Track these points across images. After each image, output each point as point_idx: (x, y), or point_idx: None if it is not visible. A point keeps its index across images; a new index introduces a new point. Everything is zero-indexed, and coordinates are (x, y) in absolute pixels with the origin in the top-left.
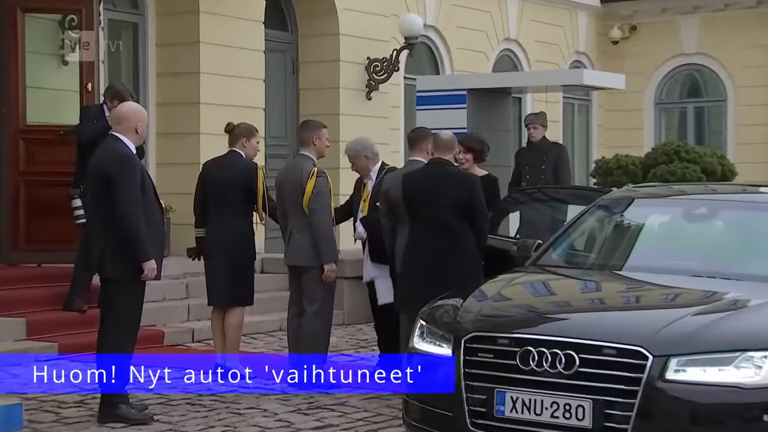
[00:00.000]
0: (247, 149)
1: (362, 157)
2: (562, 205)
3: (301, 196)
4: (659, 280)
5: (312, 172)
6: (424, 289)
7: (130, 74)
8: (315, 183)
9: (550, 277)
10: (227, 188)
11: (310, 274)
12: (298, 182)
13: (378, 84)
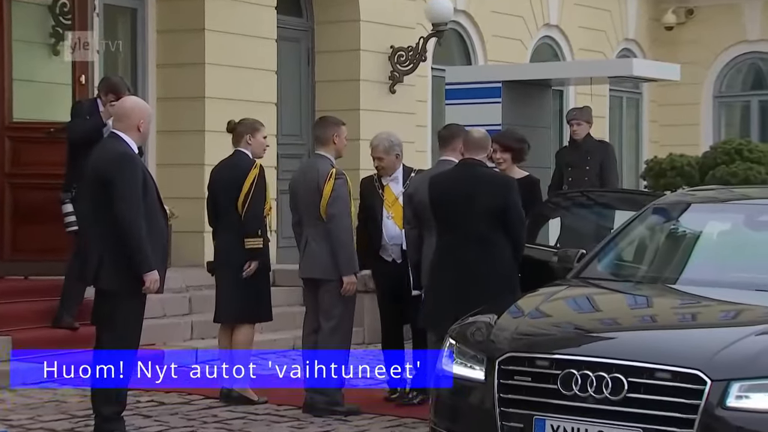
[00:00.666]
0: (252, 147)
1: (394, 155)
2: (608, 211)
3: (318, 201)
4: (719, 295)
5: (330, 174)
6: (454, 305)
7: (128, 65)
8: (333, 186)
9: (595, 291)
10: (233, 192)
11: (328, 287)
12: (314, 185)
13: (403, 76)
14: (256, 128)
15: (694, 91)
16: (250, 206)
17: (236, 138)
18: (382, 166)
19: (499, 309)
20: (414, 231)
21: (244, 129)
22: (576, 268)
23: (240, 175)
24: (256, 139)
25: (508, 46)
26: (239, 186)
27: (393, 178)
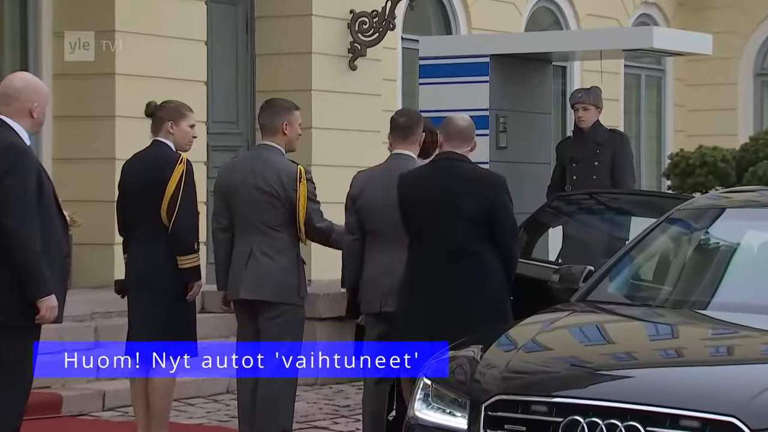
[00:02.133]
0: (175, 137)
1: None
2: (622, 218)
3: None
4: (760, 323)
5: (298, 173)
6: (429, 336)
7: (17, 33)
8: (307, 189)
9: (605, 318)
10: (149, 195)
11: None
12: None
13: (365, 48)
14: (181, 114)
15: (729, 67)
16: (180, 213)
17: (156, 125)
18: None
19: (486, 340)
20: (357, 243)
21: (165, 114)
22: (582, 290)
23: (160, 172)
24: (181, 128)
25: (497, 11)
26: (160, 186)
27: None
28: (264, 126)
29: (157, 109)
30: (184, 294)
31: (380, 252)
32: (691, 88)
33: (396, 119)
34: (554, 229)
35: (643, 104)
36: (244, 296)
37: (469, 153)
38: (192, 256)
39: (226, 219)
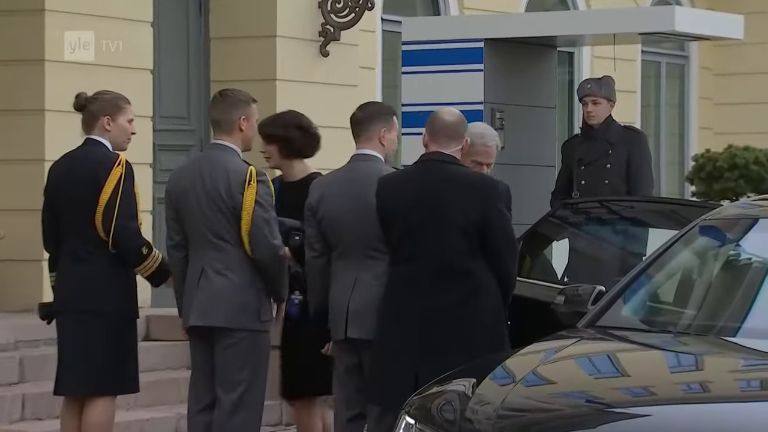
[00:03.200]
0: (112, 134)
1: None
2: (638, 229)
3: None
4: None
5: (248, 175)
6: (413, 367)
7: None
8: (258, 193)
9: (618, 347)
10: (82, 202)
11: (232, 341)
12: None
13: (340, 31)
14: (118, 107)
15: (764, 53)
16: (118, 222)
17: (88, 121)
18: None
19: (479, 372)
20: (320, 260)
21: (99, 108)
22: (591, 313)
23: (94, 175)
24: (118, 124)
25: None
26: (95, 192)
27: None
28: (217, 122)
29: (89, 102)
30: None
31: (343, 269)
32: (719, 78)
33: (353, 114)
34: (559, 242)
35: (663, 97)
36: (194, 322)
37: (460, 154)
38: (144, 263)
39: (179, 233)
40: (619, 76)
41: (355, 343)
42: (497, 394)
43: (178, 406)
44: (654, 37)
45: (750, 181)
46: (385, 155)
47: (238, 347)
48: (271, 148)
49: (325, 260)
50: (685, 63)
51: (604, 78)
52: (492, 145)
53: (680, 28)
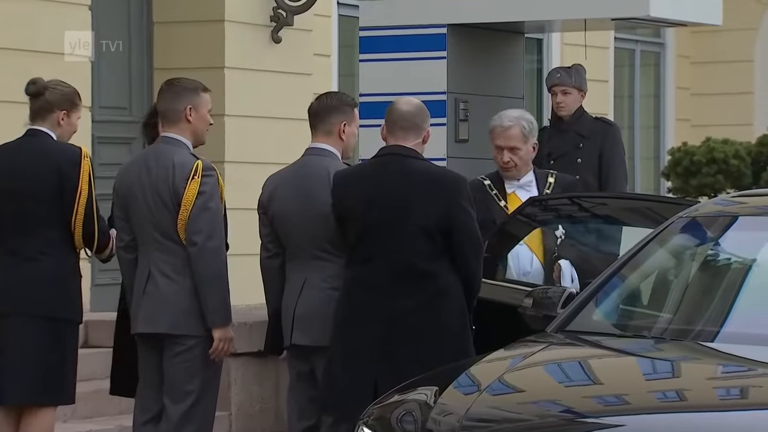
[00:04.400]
0: (62, 129)
1: (531, 145)
2: (611, 228)
3: (172, 211)
4: None
5: (194, 168)
6: (372, 374)
7: None
8: (200, 188)
9: (590, 353)
10: (26, 198)
11: (180, 349)
12: (164, 186)
13: (292, 15)
14: (74, 103)
15: (744, 41)
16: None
17: (40, 111)
18: (515, 162)
19: (443, 380)
20: (273, 261)
21: (58, 101)
22: (561, 317)
23: (56, 168)
24: (71, 120)
25: None
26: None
27: (525, 183)
28: (163, 113)
29: (47, 92)
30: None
31: (293, 271)
32: (696, 67)
33: (311, 106)
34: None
35: (637, 87)
36: (140, 329)
37: (421, 147)
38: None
39: (129, 233)
40: (591, 64)
41: (303, 349)
42: (461, 404)
43: (118, 418)
44: (628, 22)
45: (729, 177)
46: (344, 150)
47: (187, 355)
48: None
49: (279, 261)
50: (660, 50)
51: (575, 66)
52: (509, 125)
53: (655, 13)
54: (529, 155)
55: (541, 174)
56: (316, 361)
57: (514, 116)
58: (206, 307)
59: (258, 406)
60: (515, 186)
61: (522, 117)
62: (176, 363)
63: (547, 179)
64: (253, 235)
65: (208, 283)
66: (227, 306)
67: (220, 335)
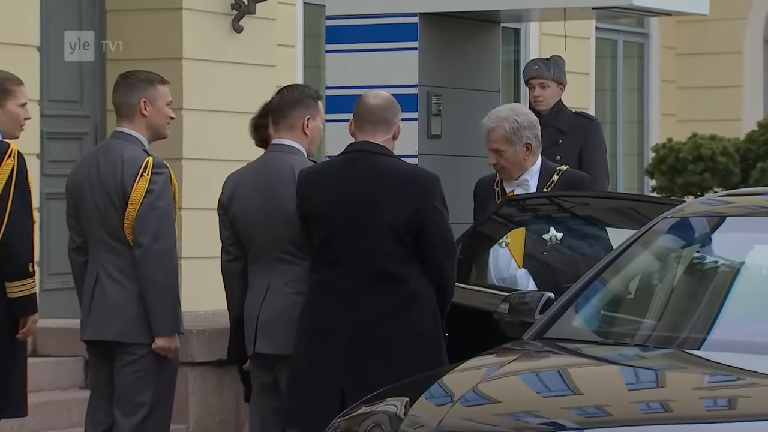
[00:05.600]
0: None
1: (522, 145)
2: (592, 228)
3: (119, 211)
4: None
5: (143, 165)
6: (339, 384)
7: None
8: (149, 186)
9: (569, 361)
10: None
11: (131, 358)
12: (113, 184)
13: (254, 4)
14: (7, 90)
15: (733, 31)
16: (11, 224)
17: None
18: (502, 165)
19: (413, 390)
20: (235, 264)
21: None
22: (539, 324)
23: None
24: (7, 109)
25: None
26: None
27: (523, 181)
28: (116, 107)
29: None
30: (10, 332)
31: (256, 275)
32: (682, 59)
33: (270, 100)
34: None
35: (620, 79)
36: (88, 336)
37: (391, 143)
38: (26, 281)
39: (80, 234)
40: (571, 55)
41: (266, 358)
42: (433, 415)
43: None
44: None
45: (716, 175)
46: (309, 145)
47: (138, 365)
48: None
49: (241, 264)
50: (644, 41)
51: (553, 58)
52: (492, 126)
53: (639, 2)
54: (519, 156)
55: (548, 170)
56: (280, 370)
57: (501, 116)
58: (151, 314)
59: (217, 419)
60: (514, 185)
61: (508, 117)
62: (127, 373)
63: (551, 176)
64: (213, 237)
65: (154, 288)
66: (175, 313)
67: (163, 344)
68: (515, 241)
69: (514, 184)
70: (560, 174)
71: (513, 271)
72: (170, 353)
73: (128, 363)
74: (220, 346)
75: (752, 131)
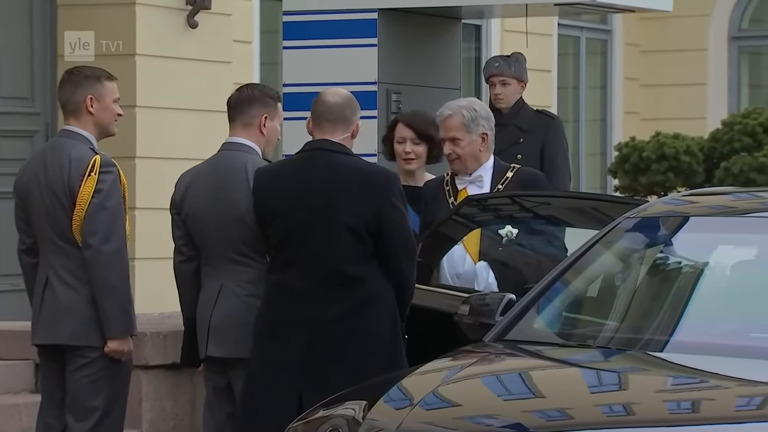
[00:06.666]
0: None
1: (478, 135)
2: (553, 228)
3: (67, 211)
4: (735, 369)
5: (91, 164)
6: (296, 387)
7: None
8: (97, 185)
9: (531, 364)
10: None
11: (82, 362)
12: (60, 184)
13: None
14: None
15: (697, 28)
16: None
17: None
18: (458, 154)
19: (372, 394)
20: (188, 265)
21: None
22: (500, 325)
23: None
24: None
25: None
26: None
27: (476, 178)
28: (63, 104)
29: None
30: None
31: (208, 276)
32: (646, 56)
33: (231, 95)
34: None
35: (582, 77)
36: (39, 340)
37: (350, 141)
38: None
39: (30, 236)
40: (532, 52)
41: (219, 361)
42: (392, 419)
43: None
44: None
45: (680, 174)
46: (264, 146)
47: (90, 369)
48: (422, 150)
49: (194, 265)
50: (607, 38)
51: (514, 55)
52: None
53: None
54: (474, 146)
55: (501, 168)
56: (234, 374)
57: (457, 105)
58: (103, 316)
59: (172, 423)
60: (467, 182)
61: (464, 105)
62: (78, 377)
63: (505, 173)
64: (167, 238)
65: (105, 290)
66: (127, 315)
67: (115, 347)
68: (471, 237)
69: (467, 181)
70: (514, 171)
71: (468, 266)
72: (123, 356)
73: (80, 367)
74: (175, 348)
75: (716, 130)
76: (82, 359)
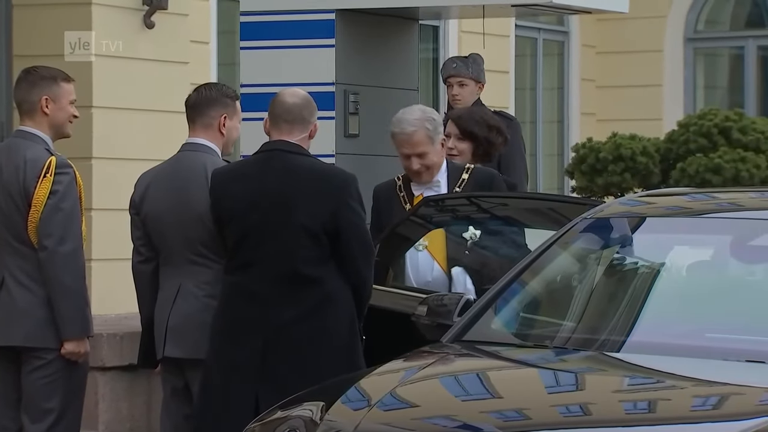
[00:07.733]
0: None
1: (439, 145)
2: (511, 229)
3: (23, 212)
4: (690, 369)
5: (46, 165)
6: (253, 389)
7: None
8: (53, 186)
9: (488, 364)
10: None
11: (38, 363)
12: (16, 186)
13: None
14: None
15: (653, 29)
16: None
17: None
18: (427, 166)
19: (329, 395)
20: (146, 266)
21: None
22: (457, 326)
23: None
24: None
25: None
26: None
27: (433, 183)
28: (18, 104)
29: None
30: None
31: (167, 277)
32: (602, 57)
33: (189, 96)
34: (422, 245)
35: (539, 78)
36: None
37: (307, 142)
38: None
39: None
40: (490, 53)
41: (176, 362)
42: (350, 420)
43: None
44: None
45: (636, 175)
46: (224, 145)
47: (46, 370)
48: (465, 146)
49: (152, 266)
50: (564, 39)
51: (472, 56)
52: (412, 130)
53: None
54: (439, 156)
55: (455, 168)
56: (191, 375)
57: (415, 118)
58: (59, 317)
59: (128, 425)
60: (423, 188)
61: (423, 118)
62: (34, 378)
63: (461, 175)
64: (124, 238)
65: (61, 291)
66: (84, 317)
67: (72, 348)
68: (435, 242)
69: (423, 187)
70: (470, 172)
71: (437, 273)
72: (79, 357)
73: (36, 368)
74: (132, 350)
75: (672, 131)
76: (38, 361)
